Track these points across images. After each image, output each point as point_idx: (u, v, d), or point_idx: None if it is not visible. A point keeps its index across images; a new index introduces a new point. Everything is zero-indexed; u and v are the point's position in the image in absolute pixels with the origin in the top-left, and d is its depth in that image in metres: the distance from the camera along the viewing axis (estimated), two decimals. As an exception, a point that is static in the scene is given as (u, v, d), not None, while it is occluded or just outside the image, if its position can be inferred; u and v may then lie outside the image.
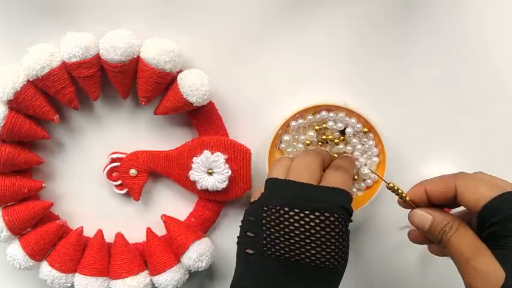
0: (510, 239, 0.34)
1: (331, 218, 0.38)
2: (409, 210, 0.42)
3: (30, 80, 0.49)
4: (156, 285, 0.52)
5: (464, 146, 0.54)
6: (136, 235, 0.55)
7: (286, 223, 0.38)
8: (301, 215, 0.38)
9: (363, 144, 0.52)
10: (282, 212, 0.38)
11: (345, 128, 0.52)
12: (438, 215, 0.39)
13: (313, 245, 0.38)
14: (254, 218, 0.40)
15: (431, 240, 0.40)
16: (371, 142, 0.52)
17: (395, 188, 0.42)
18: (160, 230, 0.54)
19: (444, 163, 0.55)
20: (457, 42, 0.53)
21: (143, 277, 0.52)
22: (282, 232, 0.38)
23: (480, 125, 0.54)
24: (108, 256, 0.53)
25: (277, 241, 0.38)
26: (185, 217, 0.55)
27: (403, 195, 0.41)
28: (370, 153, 0.53)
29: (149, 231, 0.53)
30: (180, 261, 0.52)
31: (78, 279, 0.52)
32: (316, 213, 0.38)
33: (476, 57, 0.53)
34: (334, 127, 0.52)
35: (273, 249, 0.38)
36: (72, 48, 0.48)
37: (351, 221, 0.40)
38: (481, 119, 0.54)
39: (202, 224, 0.54)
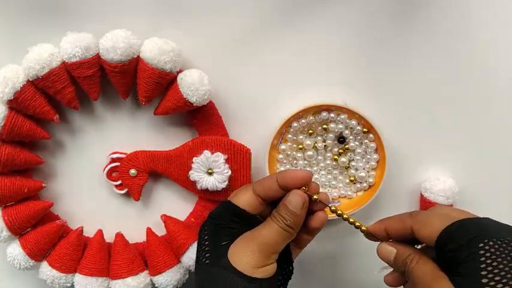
0: (464, 265, 0.35)
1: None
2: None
3: (30, 80, 0.49)
4: (156, 285, 0.52)
5: (465, 146, 0.54)
6: (136, 235, 0.55)
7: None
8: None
9: (361, 143, 0.52)
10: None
11: (344, 137, 0.52)
12: (401, 247, 0.41)
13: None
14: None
15: (397, 272, 0.42)
16: (372, 145, 0.52)
17: (355, 222, 0.44)
18: (160, 230, 0.54)
19: (444, 163, 0.55)
20: (457, 42, 0.53)
21: (143, 277, 0.52)
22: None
23: (480, 125, 0.54)
24: (108, 256, 0.53)
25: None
26: (185, 217, 0.55)
27: (364, 229, 0.43)
28: (369, 155, 0.53)
29: (149, 231, 0.53)
30: (180, 261, 0.52)
31: (78, 279, 0.52)
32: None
33: (477, 58, 0.53)
34: (336, 129, 0.52)
35: (204, 256, 0.42)
36: (72, 48, 0.48)
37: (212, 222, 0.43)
38: (481, 119, 0.54)
39: (202, 224, 0.54)
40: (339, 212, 0.44)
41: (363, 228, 0.44)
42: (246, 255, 0.40)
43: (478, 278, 0.34)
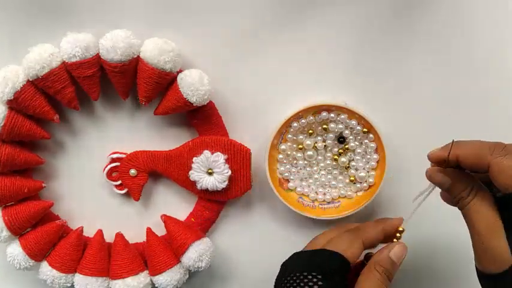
0: None
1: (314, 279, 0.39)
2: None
3: (30, 80, 0.49)
4: (156, 285, 0.52)
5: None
6: (136, 235, 0.55)
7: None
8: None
9: (361, 143, 0.52)
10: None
11: (344, 137, 0.52)
12: (457, 178, 0.37)
13: None
14: None
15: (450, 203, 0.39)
16: (372, 145, 0.52)
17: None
18: (160, 230, 0.54)
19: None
20: (457, 42, 0.53)
21: (143, 277, 0.52)
22: None
23: (481, 125, 0.54)
24: (108, 256, 0.53)
25: None
26: (185, 217, 0.55)
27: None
28: (369, 155, 0.53)
29: (149, 231, 0.53)
30: (180, 261, 0.52)
31: (78, 279, 0.52)
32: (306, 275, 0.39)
33: (478, 57, 0.53)
34: (336, 129, 0.52)
35: None
36: (72, 48, 0.48)
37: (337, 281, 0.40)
38: (482, 119, 0.54)
39: (202, 224, 0.54)
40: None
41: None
42: None
43: None
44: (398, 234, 0.42)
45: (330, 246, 0.41)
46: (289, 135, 0.53)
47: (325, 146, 0.53)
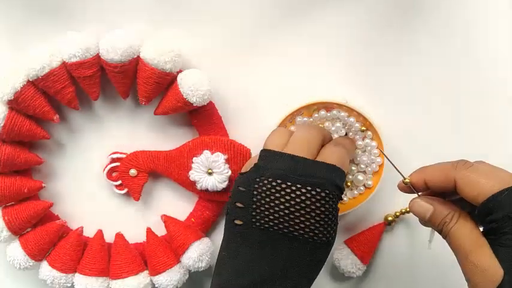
0: (509, 236, 0.33)
1: (322, 194, 0.38)
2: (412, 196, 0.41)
3: (30, 80, 0.49)
4: (156, 285, 0.52)
5: (465, 145, 0.54)
6: (136, 235, 0.55)
7: (277, 195, 0.38)
8: (293, 188, 0.38)
9: (365, 145, 0.52)
10: (274, 184, 0.38)
11: (346, 133, 0.52)
12: (439, 205, 0.38)
13: (302, 218, 0.38)
14: (245, 188, 0.39)
15: (433, 229, 0.39)
16: (373, 144, 0.52)
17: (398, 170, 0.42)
18: (160, 230, 0.54)
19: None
20: (457, 41, 0.53)
21: (143, 277, 0.52)
22: (272, 204, 0.38)
23: (480, 125, 0.54)
24: (108, 256, 0.53)
25: (266, 213, 0.38)
26: (185, 217, 0.55)
27: (407, 180, 0.41)
28: (372, 155, 0.53)
29: (149, 231, 0.53)
30: (180, 261, 0.52)
31: (78, 279, 0.52)
32: (308, 188, 0.38)
33: (477, 57, 0.53)
34: (333, 128, 0.52)
35: (262, 221, 0.38)
36: (72, 48, 0.48)
37: (342, 198, 0.41)
38: (481, 119, 0.54)
39: (202, 224, 0.54)
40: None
41: (406, 180, 0.41)
42: None
43: None
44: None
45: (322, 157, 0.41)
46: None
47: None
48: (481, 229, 0.37)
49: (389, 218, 0.54)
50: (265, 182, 0.38)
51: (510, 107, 0.54)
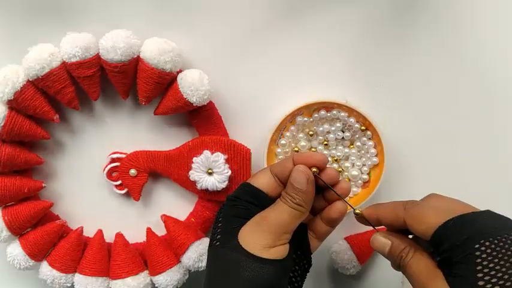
0: (460, 265, 0.34)
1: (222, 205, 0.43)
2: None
3: (30, 80, 0.49)
4: (156, 285, 0.52)
5: (465, 145, 0.54)
6: (136, 235, 0.55)
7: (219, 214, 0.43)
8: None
9: (363, 144, 0.53)
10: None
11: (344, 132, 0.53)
12: (396, 240, 0.40)
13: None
14: (217, 213, 0.44)
15: (393, 264, 0.41)
16: (370, 143, 0.52)
17: (353, 208, 0.43)
18: (160, 230, 0.54)
19: (444, 163, 0.55)
20: (457, 42, 0.53)
21: (143, 277, 0.52)
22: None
23: (480, 125, 0.54)
24: (108, 256, 0.53)
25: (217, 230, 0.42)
26: (185, 217, 0.55)
27: (358, 212, 0.43)
28: (369, 154, 0.53)
29: (149, 231, 0.53)
30: (180, 261, 0.52)
31: (78, 279, 0.52)
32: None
33: (477, 58, 0.53)
34: (332, 128, 0.52)
35: (215, 239, 0.41)
36: (72, 48, 0.48)
37: (227, 202, 0.43)
38: (481, 119, 0.54)
39: (202, 224, 0.54)
40: (334, 189, 0.42)
41: (357, 211, 0.43)
42: (256, 235, 0.39)
43: (474, 280, 0.33)
44: (313, 169, 0.42)
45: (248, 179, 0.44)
46: (288, 133, 0.53)
47: (326, 145, 0.53)
48: (437, 262, 0.38)
49: None
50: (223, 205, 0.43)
51: (510, 107, 0.54)
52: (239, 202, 0.42)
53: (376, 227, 0.42)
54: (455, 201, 0.38)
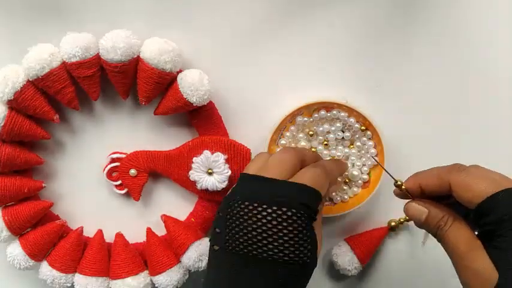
0: (504, 238, 0.33)
1: (288, 213, 0.37)
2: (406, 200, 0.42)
3: (30, 80, 0.49)
4: (156, 285, 0.52)
5: (465, 145, 0.54)
6: (136, 235, 0.55)
7: (245, 217, 0.38)
8: (259, 209, 0.37)
9: (363, 144, 0.53)
10: (242, 206, 0.38)
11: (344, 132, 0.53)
12: (433, 208, 0.38)
13: (270, 239, 0.37)
14: (222, 213, 0.39)
15: (429, 233, 0.39)
16: (370, 142, 0.52)
17: (396, 181, 0.42)
18: (160, 230, 0.54)
19: (444, 163, 0.55)
20: (457, 42, 0.53)
21: (143, 277, 0.52)
22: (241, 227, 0.38)
23: (480, 125, 0.54)
24: (108, 256, 0.53)
25: (237, 236, 0.38)
26: (185, 217, 0.55)
27: (399, 183, 0.41)
28: (369, 154, 0.53)
29: (149, 231, 0.53)
30: (180, 261, 0.52)
31: (78, 279, 0.52)
32: (274, 207, 0.37)
33: (477, 58, 0.53)
34: (332, 128, 0.52)
35: (234, 245, 0.38)
36: (72, 48, 0.48)
37: (314, 219, 0.39)
38: (481, 119, 0.54)
39: (202, 224, 0.54)
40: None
41: (398, 182, 0.41)
42: None
43: None
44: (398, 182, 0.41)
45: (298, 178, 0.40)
46: (288, 133, 0.53)
47: (326, 145, 0.53)
48: (476, 232, 0.37)
49: (393, 224, 0.54)
50: (235, 205, 0.38)
51: (510, 107, 0.54)
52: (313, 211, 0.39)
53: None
54: (501, 175, 0.37)
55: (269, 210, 0.37)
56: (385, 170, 0.44)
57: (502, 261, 0.33)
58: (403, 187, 0.41)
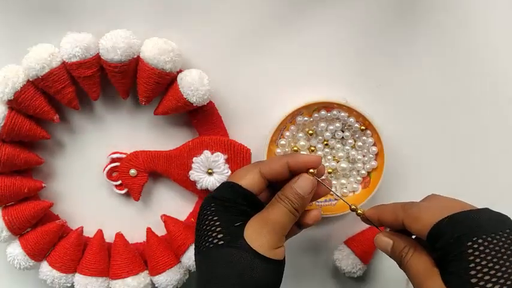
0: (453, 263, 0.35)
1: (204, 204, 0.43)
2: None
3: (30, 80, 0.49)
4: (156, 285, 0.52)
5: (465, 145, 0.54)
6: (136, 235, 0.55)
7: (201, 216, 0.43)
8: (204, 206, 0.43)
9: (363, 144, 0.53)
10: (204, 206, 0.43)
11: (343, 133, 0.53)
12: (397, 239, 0.41)
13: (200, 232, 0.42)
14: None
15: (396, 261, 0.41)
16: (370, 140, 0.52)
17: (355, 208, 0.45)
18: (160, 230, 0.54)
19: (444, 163, 0.55)
20: (458, 42, 0.53)
21: (143, 277, 0.52)
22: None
23: (480, 125, 0.54)
24: (108, 256, 0.53)
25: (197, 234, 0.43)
26: (185, 217, 0.55)
27: (354, 207, 0.44)
28: (369, 155, 0.53)
29: (149, 231, 0.53)
30: (180, 261, 0.52)
31: (78, 279, 0.52)
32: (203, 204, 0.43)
33: (477, 58, 0.53)
34: (331, 127, 0.52)
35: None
36: (72, 48, 0.48)
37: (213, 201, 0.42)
38: (481, 119, 0.54)
39: (202, 224, 0.54)
40: (337, 193, 0.45)
41: (359, 211, 0.44)
42: (263, 236, 0.40)
43: (467, 278, 0.34)
44: (311, 171, 0.42)
45: (230, 177, 0.44)
46: (288, 133, 0.53)
47: (326, 144, 0.53)
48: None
49: None
50: (203, 205, 0.43)
51: (510, 108, 0.54)
52: (231, 203, 0.42)
53: (379, 227, 0.43)
54: (454, 200, 0.39)
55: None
56: (340, 197, 0.46)
57: (454, 285, 0.34)
58: (359, 211, 0.44)
